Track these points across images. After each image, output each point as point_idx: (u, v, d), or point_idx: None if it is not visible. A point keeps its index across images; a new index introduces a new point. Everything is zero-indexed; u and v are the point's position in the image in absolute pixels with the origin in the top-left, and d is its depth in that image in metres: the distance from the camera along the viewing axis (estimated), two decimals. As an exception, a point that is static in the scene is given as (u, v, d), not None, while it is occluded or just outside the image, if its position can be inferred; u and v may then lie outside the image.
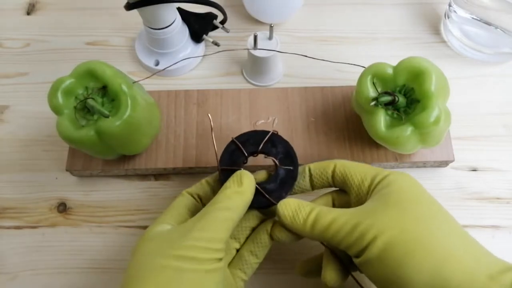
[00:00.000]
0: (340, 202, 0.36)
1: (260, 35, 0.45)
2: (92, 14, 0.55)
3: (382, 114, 0.37)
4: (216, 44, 0.50)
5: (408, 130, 0.36)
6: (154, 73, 0.45)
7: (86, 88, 0.37)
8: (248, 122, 0.45)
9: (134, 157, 0.43)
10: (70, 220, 0.43)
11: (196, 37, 0.50)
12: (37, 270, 0.41)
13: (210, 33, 0.51)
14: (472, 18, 0.48)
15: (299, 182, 0.36)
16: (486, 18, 0.47)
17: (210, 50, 0.51)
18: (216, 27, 0.51)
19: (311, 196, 0.37)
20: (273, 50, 0.45)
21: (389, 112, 0.38)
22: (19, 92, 0.50)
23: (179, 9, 0.49)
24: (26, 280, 0.40)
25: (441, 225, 0.30)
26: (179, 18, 0.47)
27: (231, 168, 0.35)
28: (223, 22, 0.51)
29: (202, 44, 0.52)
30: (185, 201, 0.35)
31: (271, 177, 0.35)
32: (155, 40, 0.47)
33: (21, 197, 0.44)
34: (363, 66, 0.40)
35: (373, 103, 0.37)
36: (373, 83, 0.38)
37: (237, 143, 0.36)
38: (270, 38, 0.46)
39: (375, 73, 0.38)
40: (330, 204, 0.36)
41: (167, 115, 0.45)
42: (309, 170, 0.36)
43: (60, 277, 0.40)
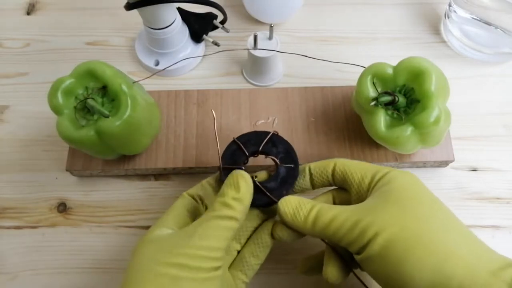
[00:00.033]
0: (341, 200, 0.36)
1: (260, 35, 0.45)
2: (92, 14, 0.55)
3: (382, 114, 0.37)
4: (216, 44, 0.50)
5: (408, 130, 0.36)
6: (154, 73, 0.45)
7: (86, 88, 0.37)
8: (248, 122, 0.45)
9: (134, 157, 0.43)
10: (70, 220, 0.43)
11: (196, 37, 0.50)
12: (37, 270, 0.41)
13: (210, 33, 0.51)
14: (472, 18, 0.48)
15: (299, 182, 0.36)
16: (486, 18, 0.47)
17: (210, 50, 0.51)
18: (216, 27, 0.51)
19: (311, 195, 0.37)
20: (273, 50, 0.45)
21: (389, 112, 0.38)
22: (19, 92, 0.50)
23: (179, 9, 0.49)
24: (26, 280, 0.40)
25: (442, 222, 0.30)
26: (179, 18, 0.47)
27: (233, 167, 0.35)
28: (223, 22, 0.51)
29: (202, 44, 0.52)
30: (186, 203, 0.35)
31: (272, 176, 0.35)
32: (155, 40, 0.47)
33: (21, 197, 0.44)
34: (363, 66, 0.40)
35: (373, 103, 0.37)
36: (373, 83, 0.38)
37: (238, 143, 0.36)
38: (270, 38, 0.46)
39: (375, 73, 0.38)
40: (331, 202, 0.36)
41: (167, 115, 0.45)
42: (309, 169, 0.36)
43: (60, 277, 0.40)
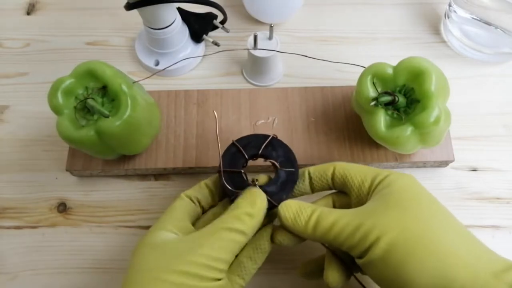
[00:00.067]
0: (341, 204, 0.35)
1: (260, 35, 0.45)
2: (92, 14, 0.55)
3: (382, 114, 0.37)
4: (216, 44, 0.50)
5: (408, 130, 0.36)
6: (154, 73, 0.45)
7: (86, 88, 0.37)
8: (248, 122, 0.45)
9: (134, 157, 0.43)
10: (70, 220, 0.43)
11: (196, 37, 0.50)
12: (37, 270, 0.41)
13: (210, 33, 0.51)
14: (472, 18, 0.48)
15: (299, 186, 0.36)
16: (486, 18, 0.47)
17: (210, 50, 0.51)
18: (216, 27, 0.51)
19: (311, 199, 0.37)
20: (273, 50, 0.45)
21: (389, 112, 0.38)
22: (19, 92, 0.50)
23: (179, 9, 0.49)
24: (26, 280, 0.40)
25: (442, 224, 0.30)
26: (179, 18, 0.47)
27: (232, 170, 0.35)
28: (223, 22, 0.51)
29: (202, 44, 0.52)
30: (184, 205, 0.34)
31: (272, 180, 0.35)
32: (155, 40, 0.47)
33: (21, 197, 0.44)
34: (363, 66, 0.40)
35: (373, 103, 0.37)
36: (373, 83, 0.38)
37: (238, 146, 0.36)
38: (270, 38, 0.46)
39: (375, 73, 0.38)
40: (331, 206, 0.35)
41: (167, 115, 0.45)
42: (309, 173, 0.36)
43: (60, 277, 0.40)
